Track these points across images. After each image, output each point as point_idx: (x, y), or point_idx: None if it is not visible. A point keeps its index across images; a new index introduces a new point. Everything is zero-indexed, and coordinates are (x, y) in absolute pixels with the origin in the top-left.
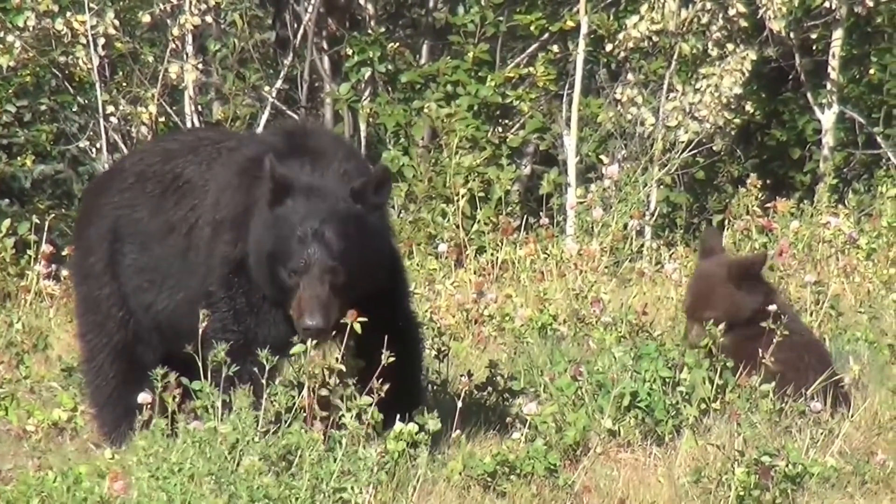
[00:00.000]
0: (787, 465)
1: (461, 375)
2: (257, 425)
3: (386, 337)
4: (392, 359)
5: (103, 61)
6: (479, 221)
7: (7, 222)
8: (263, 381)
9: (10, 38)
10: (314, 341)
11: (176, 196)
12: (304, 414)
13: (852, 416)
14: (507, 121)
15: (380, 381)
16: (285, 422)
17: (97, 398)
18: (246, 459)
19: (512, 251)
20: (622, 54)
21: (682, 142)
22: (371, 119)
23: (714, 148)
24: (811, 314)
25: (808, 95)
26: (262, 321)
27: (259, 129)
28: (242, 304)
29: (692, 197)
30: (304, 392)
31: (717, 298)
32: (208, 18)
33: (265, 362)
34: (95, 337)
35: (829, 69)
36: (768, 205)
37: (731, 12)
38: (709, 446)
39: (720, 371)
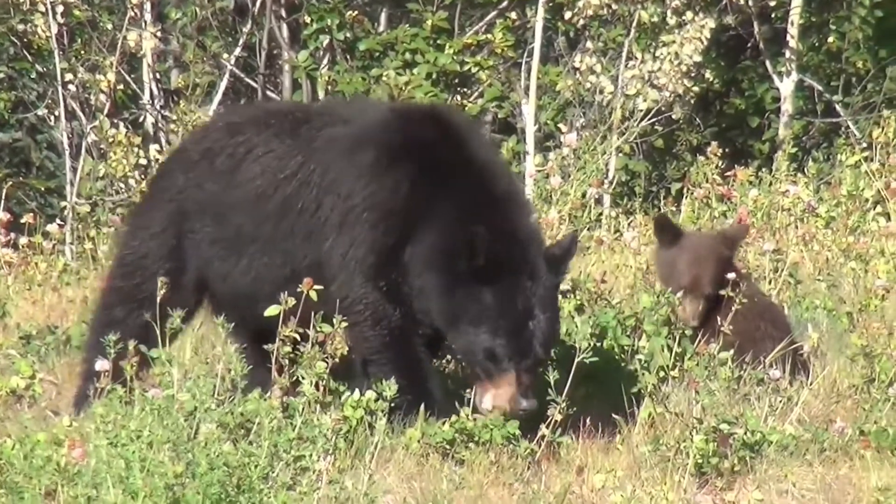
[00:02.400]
0: (745, 433)
1: None
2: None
3: None
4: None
5: (62, 29)
6: None
7: None
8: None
9: None
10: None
11: (257, 166)
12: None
13: (811, 384)
14: (465, 89)
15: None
16: (241, 390)
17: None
18: (204, 427)
19: None
20: (581, 22)
21: (641, 110)
22: (329, 87)
23: (673, 116)
24: (770, 282)
25: (767, 63)
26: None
27: (217, 98)
28: (388, 292)
29: (651, 165)
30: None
31: (719, 272)
32: None
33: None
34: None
35: (788, 37)
36: (727, 173)
37: None
38: (667, 414)
39: (678, 339)
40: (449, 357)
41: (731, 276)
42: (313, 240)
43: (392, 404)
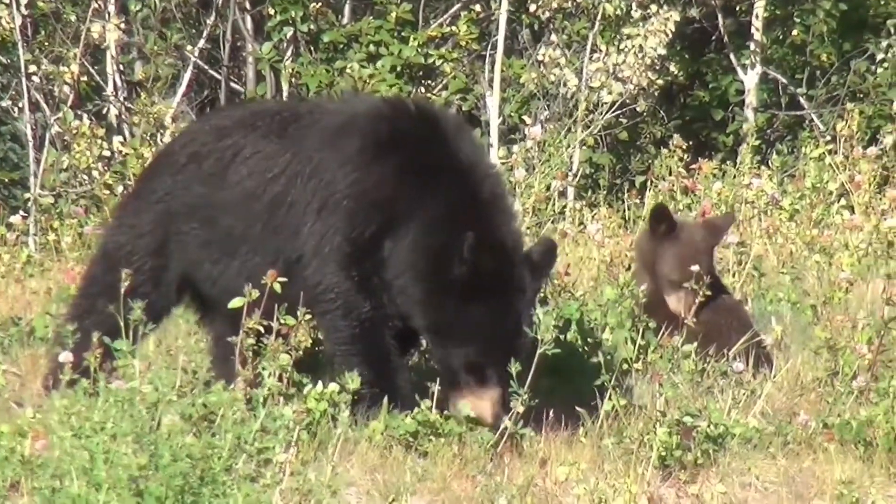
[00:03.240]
0: (708, 426)
1: None
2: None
3: None
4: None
5: (26, 20)
6: None
7: None
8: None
9: None
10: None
11: (244, 168)
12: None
13: (774, 377)
14: (429, 81)
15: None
16: (204, 382)
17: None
18: (166, 419)
19: None
20: (545, 14)
21: (606, 103)
22: (293, 79)
23: (637, 109)
24: (734, 275)
25: (732, 56)
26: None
27: (181, 90)
28: (360, 283)
29: (615, 158)
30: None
31: (706, 263)
32: None
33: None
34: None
35: (753, 30)
36: (692, 166)
37: None
38: (631, 407)
39: (642, 332)
40: (416, 350)
41: (694, 268)
42: (301, 232)
43: (356, 396)
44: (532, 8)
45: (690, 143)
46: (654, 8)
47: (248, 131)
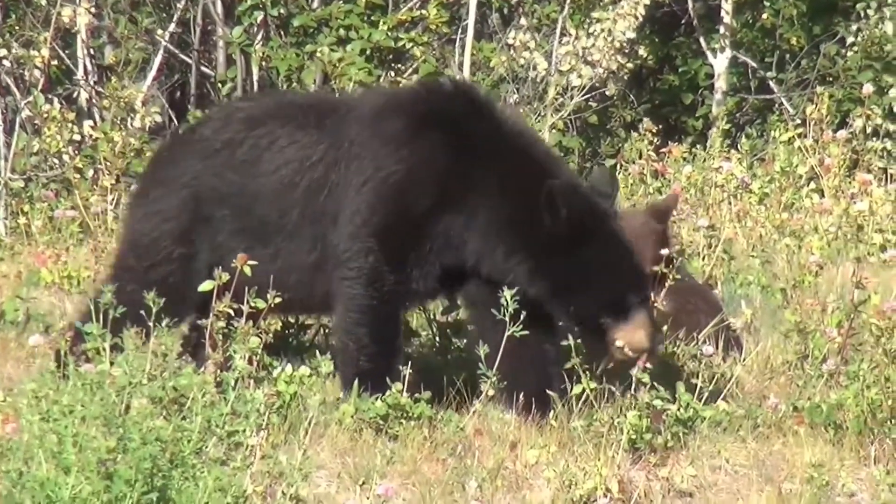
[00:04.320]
0: (678, 409)
1: None
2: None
3: None
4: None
5: None
6: None
7: None
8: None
9: None
10: None
11: (281, 157)
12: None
13: (744, 361)
14: (399, 65)
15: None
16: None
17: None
18: (136, 402)
19: None
20: None
21: (575, 86)
22: (263, 63)
23: (607, 93)
24: (704, 258)
25: (701, 40)
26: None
27: (152, 73)
28: (393, 256)
29: (585, 142)
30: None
31: (657, 249)
32: None
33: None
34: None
35: (722, 13)
36: (661, 149)
37: None
38: (601, 390)
39: None
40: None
41: (664, 251)
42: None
43: (358, 363)
44: None
45: (660, 126)
46: None
47: (283, 121)
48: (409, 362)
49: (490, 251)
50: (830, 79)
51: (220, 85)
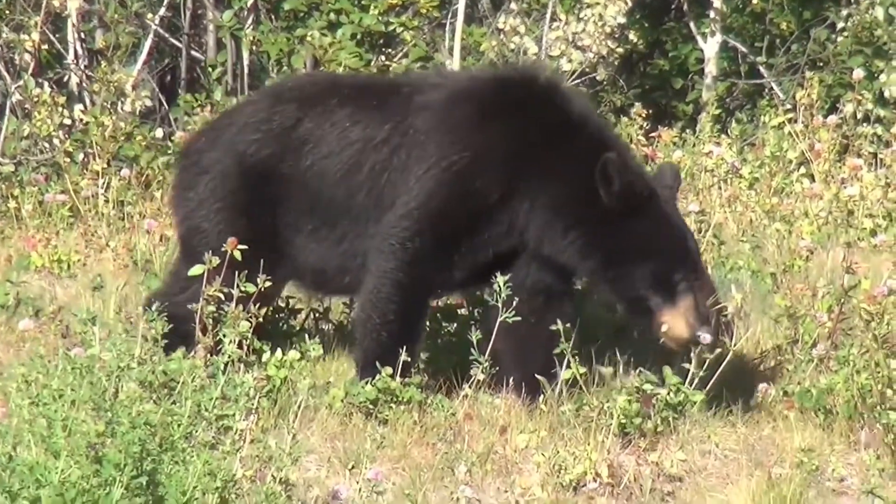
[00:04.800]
0: (668, 394)
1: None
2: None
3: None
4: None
5: None
6: None
7: None
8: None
9: None
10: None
11: (343, 138)
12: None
13: (735, 345)
14: (390, 49)
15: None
16: (164, 350)
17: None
18: (125, 386)
19: None
20: None
21: (566, 71)
22: (254, 47)
23: (597, 77)
24: None
25: (692, 25)
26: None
27: (142, 58)
28: (444, 242)
29: None
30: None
31: None
32: None
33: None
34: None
35: None
36: (652, 134)
37: None
38: (591, 374)
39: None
40: None
41: None
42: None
43: (379, 336)
44: None
45: (650, 111)
46: None
47: (342, 101)
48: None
49: (550, 231)
50: (821, 64)
51: (210, 69)
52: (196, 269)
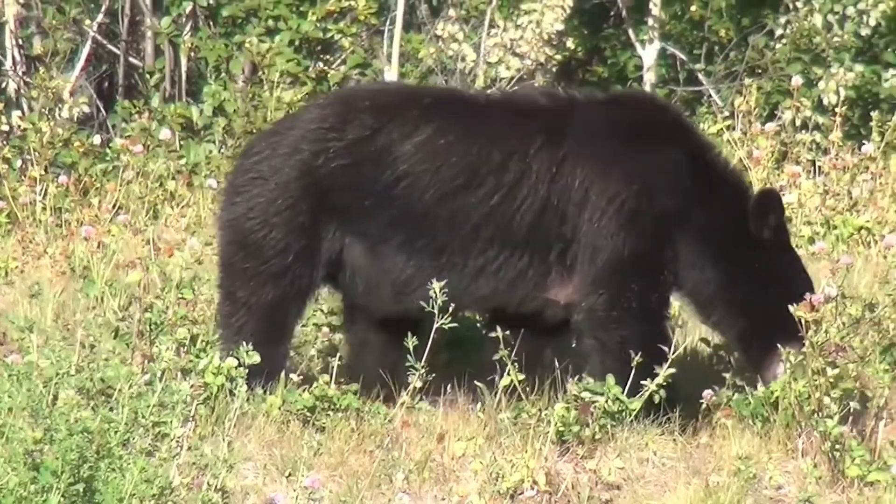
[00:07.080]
0: (606, 402)
1: None
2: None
3: None
4: None
5: None
6: None
7: None
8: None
9: None
10: None
11: (437, 156)
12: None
13: (673, 354)
14: (327, 56)
15: None
16: (103, 356)
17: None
18: (63, 393)
19: None
20: None
21: (504, 78)
22: (192, 53)
23: (535, 84)
24: None
25: (630, 32)
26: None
27: (80, 64)
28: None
29: None
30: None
31: None
32: None
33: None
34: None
35: (651, 5)
36: None
37: None
38: (529, 382)
39: None
40: None
41: None
42: (540, 228)
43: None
44: None
45: None
46: None
47: (426, 114)
48: (338, 354)
49: (695, 266)
50: (759, 71)
51: (148, 75)
52: (132, 277)
